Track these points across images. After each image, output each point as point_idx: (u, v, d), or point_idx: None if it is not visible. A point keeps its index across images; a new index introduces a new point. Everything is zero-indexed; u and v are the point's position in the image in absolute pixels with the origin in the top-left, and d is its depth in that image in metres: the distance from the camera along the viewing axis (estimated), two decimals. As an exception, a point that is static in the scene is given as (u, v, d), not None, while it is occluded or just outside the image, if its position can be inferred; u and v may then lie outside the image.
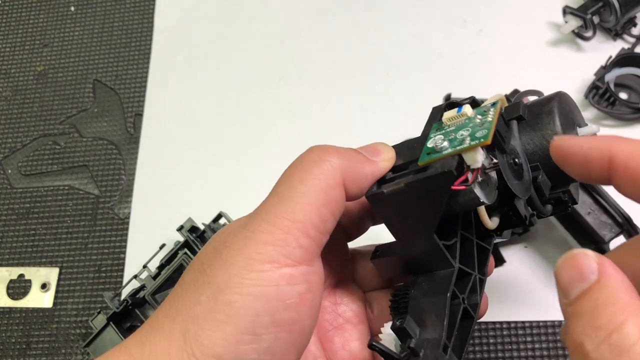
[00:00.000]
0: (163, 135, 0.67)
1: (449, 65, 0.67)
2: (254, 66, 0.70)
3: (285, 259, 0.26)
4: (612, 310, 0.21)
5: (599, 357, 0.20)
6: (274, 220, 0.27)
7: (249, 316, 0.25)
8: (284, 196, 0.28)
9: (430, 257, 0.30)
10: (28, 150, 0.68)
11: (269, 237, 0.26)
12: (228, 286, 0.26)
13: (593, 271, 0.22)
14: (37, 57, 0.73)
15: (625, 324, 0.20)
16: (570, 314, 0.22)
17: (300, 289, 0.26)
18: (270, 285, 0.25)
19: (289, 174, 0.29)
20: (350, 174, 0.28)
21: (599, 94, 0.60)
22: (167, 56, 0.72)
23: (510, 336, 0.53)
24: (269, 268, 0.26)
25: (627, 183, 0.24)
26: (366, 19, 0.71)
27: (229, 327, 0.25)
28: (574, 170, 0.26)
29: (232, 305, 0.25)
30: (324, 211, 0.27)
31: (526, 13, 0.68)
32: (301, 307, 0.26)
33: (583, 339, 0.21)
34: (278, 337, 0.25)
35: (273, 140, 0.65)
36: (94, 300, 0.59)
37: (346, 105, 0.66)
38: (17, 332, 0.59)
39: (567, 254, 0.24)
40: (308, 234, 0.27)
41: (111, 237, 0.62)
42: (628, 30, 0.65)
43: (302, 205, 0.27)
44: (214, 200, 0.61)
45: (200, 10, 0.74)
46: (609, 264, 0.22)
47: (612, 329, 0.20)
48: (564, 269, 0.23)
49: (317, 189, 0.27)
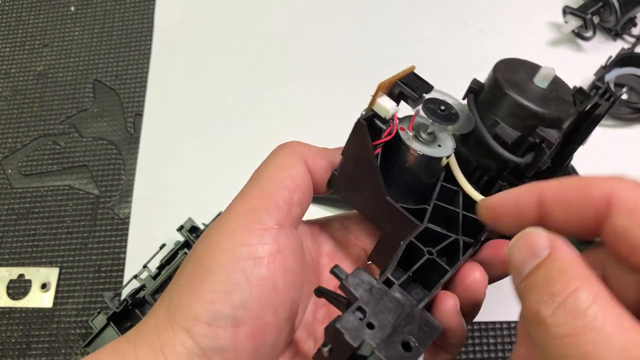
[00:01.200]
0: (163, 135, 0.67)
1: (449, 65, 0.67)
2: (254, 66, 0.70)
3: (254, 223, 0.28)
4: (566, 278, 0.21)
5: (554, 321, 0.20)
6: (245, 197, 0.30)
7: (222, 275, 0.27)
8: (254, 178, 0.31)
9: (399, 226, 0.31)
10: (28, 150, 0.68)
11: (241, 209, 0.29)
12: (205, 254, 0.28)
13: (545, 247, 0.22)
14: (37, 57, 0.73)
15: (580, 289, 0.20)
16: (523, 289, 0.23)
17: (270, 248, 0.28)
18: (241, 246, 0.28)
19: (261, 163, 0.33)
20: (310, 157, 0.32)
21: (599, 94, 0.60)
22: (167, 56, 0.72)
23: (510, 336, 0.53)
24: (241, 232, 0.28)
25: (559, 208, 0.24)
26: (366, 18, 0.71)
27: (204, 286, 0.27)
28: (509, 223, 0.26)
29: (207, 267, 0.27)
30: (289, 183, 0.30)
31: (526, 13, 0.68)
32: (272, 265, 0.28)
33: (539, 306, 0.21)
34: (251, 292, 0.27)
35: (273, 139, 0.65)
36: (94, 300, 0.59)
37: (346, 104, 0.66)
38: (17, 332, 0.59)
39: (520, 233, 0.24)
40: (276, 204, 0.29)
41: (111, 237, 0.62)
42: (628, 30, 0.65)
43: (268, 180, 0.30)
44: (214, 200, 0.61)
45: (200, 10, 0.74)
46: (559, 239, 0.23)
47: (567, 294, 0.21)
48: (517, 248, 0.23)
49: (280, 165, 0.31)
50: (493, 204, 0.26)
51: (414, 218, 0.30)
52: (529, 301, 0.22)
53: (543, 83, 0.32)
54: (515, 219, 0.25)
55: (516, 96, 0.31)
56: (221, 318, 0.26)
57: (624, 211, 0.22)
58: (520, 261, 0.23)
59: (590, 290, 0.21)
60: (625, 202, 0.22)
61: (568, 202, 0.24)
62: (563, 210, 0.24)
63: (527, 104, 0.31)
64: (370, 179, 0.30)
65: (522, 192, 0.25)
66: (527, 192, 0.25)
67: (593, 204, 0.23)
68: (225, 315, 0.26)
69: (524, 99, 0.31)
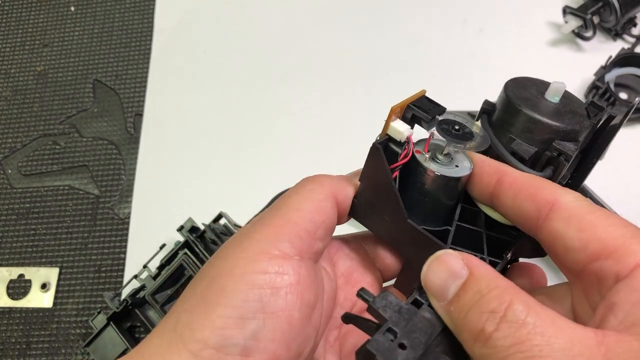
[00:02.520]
0: (163, 135, 0.67)
1: (449, 65, 0.67)
2: (254, 66, 0.70)
3: (275, 250, 0.27)
4: (498, 294, 0.23)
5: (499, 335, 0.22)
6: (269, 222, 0.29)
7: (238, 300, 0.26)
8: (280, 205, 0.30)
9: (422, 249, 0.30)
10: (28, 150, 0.68)
11: (262, 235, 0.28)
12: (221, 275, 0.27)
13: (462, 266, 0.24)
14: (37, 57, 0.73)
15: (514, 301, 0.22)
16: (454, 311, 0.24)
17: (289, 279, 0.27)
18: (260, 273, 0.26)
19: (285, 193, 0.31)
20: (339, 191, 0.31)
21: (599, 94, 0.60)
22: (167, 56, 0.72)
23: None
24: (260, 258, 0.27)
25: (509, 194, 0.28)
26: (367, 19, 0.71)
27: (217, 309, 0.26)
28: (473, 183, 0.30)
29: (223, 289, 0.26)
30: (316, 217, 0.29)
31: (526, 13, 0.68)
32: (290, 296, 0.27)
33: (482, 324, 0.22)
34: (265, 324, 0.26)
35: (273, 139, 0.65)
36: (94, 300, 0.59)
37: (346, 104, 0.66)
38: (17, 332, 0.59)
39: (430, 258, 0.26)
40: (299, 235, 0.28)
41: (111, 237, 0.62)
42: (628, 30, 0.65)
43: (295, 211, 0.29)
44: (214, 200, 0.61)
45: (200, 10, 0.74)
46: (472, 257, 0.25)
47: (505, 308, 0.22)
48: (433, 272, 0.25)
49: (310, 198, 0.30)
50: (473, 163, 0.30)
51: (437, 239, 0.30)
52: (469, 322, 0.23)
53: (554, 98, 0.32)
54: (479, 183, 0.29)
55: (530, 112, 0.31)
56: (231, 346, 0.25)
57: (562, 216, 0.25)
58: (440, 285, 0.25)
59: (521, 299, 0.22)
60: (565, 209, 0.25)
61: (518, 193, 0.27)
62: (512, 197, 0.27)
63: (541, 119, 0.31)
64: (390, 202, 0.30)
65: (490, 166, 0.29)
66: (492, 169, 0.29)
67: (538, 203, 0.26)
68: (236, 343, 0.25)
69: (537, 114, 0.31)
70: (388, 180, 0.29)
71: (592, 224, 0.24)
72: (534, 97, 0.32)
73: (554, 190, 0.26)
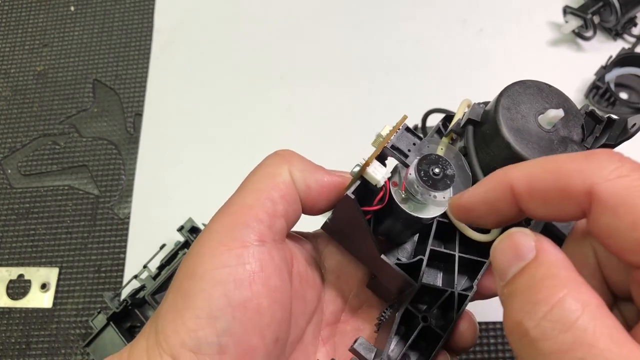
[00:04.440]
0: (163, 135, 0.67)
1: (449, 65, 0.67)
2: (254, 66, 0.70)
3: (233, 241, 0.27)
4: (552, 284, 0.19)
5: (539, 335, 0.18)
6: (226, 209, 0.29)
7: (204, 300, 0.26)
8: (238, 188, 0.30)
9: (394, 278, 0.31)
10: (28, 150, 0.68)
11: (219, 225, 0.28)
12: (185, 277, 0.27)
13: (531, 249, 0.20)
14: (37, 57, 0.73)
15: (567, 298, 0.18)
16: (506, 295, 0.20)
17: (251, 267, 0.27)
18: (221, 267, 0.26)
19: (248, 174, 0.30)
20: (299, 169, 0.30)
21: (599, 94, 0.60)
22: (167, 56, 0.72)
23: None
24: (220, 252, 0.27)
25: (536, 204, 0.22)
26: (366, 18, 0.71)
27: (187, 313, 0.26)
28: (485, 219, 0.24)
29: (188, 292, 0.26)
30: (273, 194, 0.28)
31: (526, 13, 0.68)
32: (254, 286, 0.27)
33: (521, 316, 0.19)
34: (234, 317, 0.26)
35: (274, 139, 0.65)
36: (94, 300, 0.59)
37: (346, 104, 0.66)
38: (17, 332, 0.59)
39: (504, 234, 0.22)
40: (257, 217, 0.28)
41: (111, 237, 0.62)
42: (628, 30, 0.65)
43: (251, 191, 0.29)
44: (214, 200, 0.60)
45: (200, 10, 0.74)
46: (546, 241, 0.21)
47: (553, 303, 0.18)
48: (501, 250, 0.21)
49: (265, 174, 0.29)
50: (464, 204, 0.24)
51: (409, 277, 0.30)
52: (510, 310, 0.20)
53: (548, 126, 0.30)
54: (494, 217, 0.23)
55: (517, 147, 0.28)
56: (206, 346, 0.26)
57: (608, 209, 0.19)
58: (504, 264, 0.21)
59: (578, 298, 0.18)
60: (607, 197, 0.19)
61: (546, 198, 0.21)
62: (542, 205, 0.21)
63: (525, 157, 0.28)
64: (363, 240, 0.30)
65: (490, 188, 0.23)
66: (495, 188, 0.22)
67: (573, 200, 0.20)
68: (210, 342, 0.26)
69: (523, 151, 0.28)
70: (362, 225, 0.29)
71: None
72: (526, 123, 0.29)
73: (582, 174, 0.20)
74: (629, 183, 0.18)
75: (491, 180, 0.23)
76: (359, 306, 0.34)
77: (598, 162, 0.20)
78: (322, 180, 0.30)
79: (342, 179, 0.30)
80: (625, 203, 0.18)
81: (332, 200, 0.30)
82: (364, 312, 0.34)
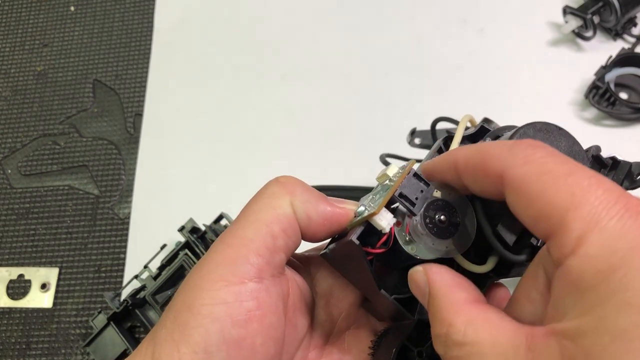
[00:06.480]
0: (163, 135, 0.67)
1: (449, 65, 0.67)
2: (254, 66, 0.70)
3: (233, 276, 0.27)
4: (442, 316, 0.23)
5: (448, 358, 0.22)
6: (227, 240, 0.28)
7: (201, 335, 0.26)
8: (239, 217, 0.29)
9: (391, 310, 0.31)
10: (28, 150, 0.68)
11: (220, 256, 0.28)
12: (183, 308, 0.27)
13: (425, 283, 0.24)
14: (37, 57, 0.73)
15: (453, 322, 0.22)
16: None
17: (248, 305, 0.27)
18: (219, 304, 0.26)
19: (249, 200, 0.30)
20: (301, 201, 0.29)
21: (599, 94, 0.60)
22: (167, 56, 0.72)
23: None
24: (219, 287, 0.27)
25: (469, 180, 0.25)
26: (366, 18, 0.71)
27: (183, 346, 0.26)
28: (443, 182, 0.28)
29: (186, 325, 0.26)
30: (274, 228, 0.28)
31: (526, 13, 0.68)
32: (250, 324, 0.27)
33: (437, 347, 0.23)
34: (229, 355, 0.26)
35: (274, 139, 0.65)
36: (94, 300, 0.59)
37: (346, 104, 0.66)
38: (17, 332, 0.59)
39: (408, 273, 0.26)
40: (258, 252, 0.27)
41: (111, 237, 0.62)
42: (628, 30, 0.65)
43: (252, 223, 0.28)
44: (215, 200, 0.61)
45: (200, 10, 0.74)
46: (432, 270, 0.24)
47: (446, 332, 0.22)
48: (412, 290, 0.26)
49: (266, 205, 0.29)
50: (426, 169, 0.28)
51: (406, 312, 0.30)
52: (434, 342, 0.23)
53: None
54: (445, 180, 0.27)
55: None
56: None
57: (512, 190, 0.22)
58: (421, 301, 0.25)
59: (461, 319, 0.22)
60: (512, 180, 0.22)
61: (474, 173, 0.24)
62: (472, 179, 0.25)
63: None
64: (363, 276, 0.30)
65: (443, 161, 0.27)
66: (445, 161, 0.27)
67: (490, 178, 0.23)
68: None
69: None
70: (364, 266, 0.28)
71: (539, 193, 0.21)
72: None
73: (498, 157, 0.23)
74: (532, 169, 0.21)
75: (444, 156, 0.27)
76: (347, 327, 0.34)
77: (516, 150, 0.23)
78: (324, 212, 0.30)
79: (345, 211, 0.30)
80: (524, 185, 0.21)
81: (332, 232, 0.30)
82: (351, 335, 0.34)
